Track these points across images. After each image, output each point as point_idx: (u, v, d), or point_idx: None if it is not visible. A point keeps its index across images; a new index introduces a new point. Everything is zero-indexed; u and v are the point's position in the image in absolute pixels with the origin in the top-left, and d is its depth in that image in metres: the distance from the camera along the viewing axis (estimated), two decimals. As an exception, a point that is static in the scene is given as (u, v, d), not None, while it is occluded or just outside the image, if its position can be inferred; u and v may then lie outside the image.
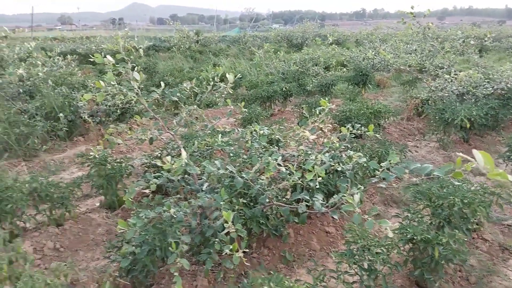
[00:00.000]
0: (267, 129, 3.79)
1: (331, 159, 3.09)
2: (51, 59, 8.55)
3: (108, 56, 4.01)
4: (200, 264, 3.40)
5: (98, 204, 4.79)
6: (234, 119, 7.64)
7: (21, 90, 7.49)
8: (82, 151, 6.76)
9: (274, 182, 3.49)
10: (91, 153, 4.25)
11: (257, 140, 3.99)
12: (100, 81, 3.96)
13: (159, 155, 4.93)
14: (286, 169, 3.07)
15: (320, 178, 2.85)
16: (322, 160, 2.89)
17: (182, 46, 20.36)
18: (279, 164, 3.11)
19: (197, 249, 3.36)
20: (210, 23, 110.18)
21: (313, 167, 2.91)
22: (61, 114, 6.77)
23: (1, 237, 2.76)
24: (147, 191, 3.53)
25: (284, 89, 8.69)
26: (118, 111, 7.54)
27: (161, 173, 3.67)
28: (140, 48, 4.61)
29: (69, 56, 8.97)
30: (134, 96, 4.10)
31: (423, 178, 3.29)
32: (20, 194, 3.80)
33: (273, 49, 12.55)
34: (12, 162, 6.07)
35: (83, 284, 3.05)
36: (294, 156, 3.67)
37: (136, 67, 4.13)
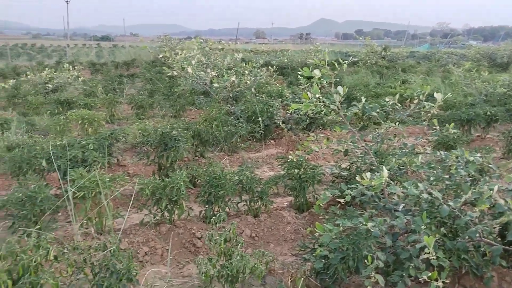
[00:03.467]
0: (479, 156, 3.44)
1: None
2: (255, 69, 9.64)
3: (316, 71, 4.29)
4: (388, 285, 3.31)
5: (286, 203, 5.17)
6: (426, 141, 7.16)
7: (230, 95, 8.70)
8: (273, 154, 7.42)
9: (483, 216, 3.15)
10: (289, 157, 4.62)
11: (462, 167, 3.66)
12: (307, 93, 4.26)
13: (348, 167, 5.02)
14: (505, 204, 2.73)
15: (553, 222, 2.44)
16: (557, 201, 2.47)
17: (368, 61, 20.20)
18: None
19: (385, 269, 3.29)
20: (397, 38, 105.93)
21: (543, 207, 2.51)
22: (260, 119, 7.56)
23: (221, 217, 3.26)
24: (341, 200, 3.64)
25: (488, 113, 7.72)
26: (307, 120, 7.98)
27: (356, 185, 3.74)
28: (345, 63, 4.79)
29: (270, 67, 9.97)
30: (336, 109, 4.29)
31: None
32: (231, 184, 4.41)
33: (475, 68, 11.28)
34: (219, 155, 7.07)
35: (280, 275, 3.35)
36: (510, 190, 3.23)
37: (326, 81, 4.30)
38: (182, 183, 4.16)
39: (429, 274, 2.61)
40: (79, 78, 12.98)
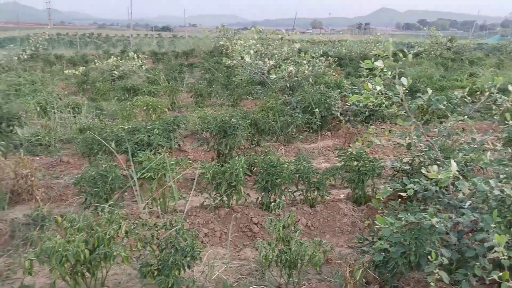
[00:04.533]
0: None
1: None
2: (313, 59, 9.54)
3: (378, 62, 4.16)
4: (450, 284, 3.20)
5: (342, 196, 5.12)
6: (495, 137, 6.73)
7: (287, 85, 8.71)
8: (329, 145, 7.34)
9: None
10: (349, 149, 4.55)
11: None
12: (368, 84, 4.15)
13: (410, 161, 4.87)
14: None
15: None
16: None
17: (432, 52, 19.24)
18: None
19: (448, 267, 3.18)
20: (464, 29, 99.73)
21: None
22: (316, 110, 7.50)
23: (280, 204, 3.31)
24: (403, 194, 3.55)
25: None
26: (366, 112, 7.79)
27: (420, 180, 3.63)
28: (410, 53, 4.63)
29: (330, 58, 9.82)
30: (399, 101, 4.16)
31: None
32: (288, 172, 4.45)
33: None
34: (274, 144, 7.13)
35: (337, 265, 3.35)
36: None
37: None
38: (240, 169, 4.27)
39: (500, 274, 2.49)
40: (143, 67, 13.60)
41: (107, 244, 2.80)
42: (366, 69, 9.55)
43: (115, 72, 13.09)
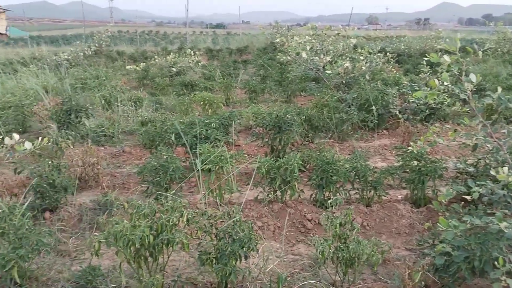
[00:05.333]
0: None
1: None
2: (371, 55, 9.31)
3: (445, 56, 3.99)
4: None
5: (400, 196, 4.97)
6: None
7: (343, 81, 8.57)
8: (386, 144, 7.15)
9: None
10: (409, 148, 4.41)
11: None
12: (434, 80, 4.00)
13: (475, 163, 4.63)
14: None
15: None
16: None
17: (499, 49, 18.01)
18: None
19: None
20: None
21: None
22: (373, 107, 7.31)
23: (337, 201, 3.29)
24: (468, 197, 3.39)
25: None
26: (427, 111, 7.48)
27: (486, 183, 3.45)
28: (480, 50, 4.41)
29: (389, 54, 9.53)
30: (466, 99, 3.97)
31: None
32: (344, 170, 4.39)
33: None
34: (328, 142, 7.05)
35: (394, 266, 3.28)
36: None
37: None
38: (295, 165, 4.28)
39: None
40: (199, 63, 13.97)
41: (170, 230, 2.93)
42: (427, 65, 9.16)
43: (173, 68, 13.56)
